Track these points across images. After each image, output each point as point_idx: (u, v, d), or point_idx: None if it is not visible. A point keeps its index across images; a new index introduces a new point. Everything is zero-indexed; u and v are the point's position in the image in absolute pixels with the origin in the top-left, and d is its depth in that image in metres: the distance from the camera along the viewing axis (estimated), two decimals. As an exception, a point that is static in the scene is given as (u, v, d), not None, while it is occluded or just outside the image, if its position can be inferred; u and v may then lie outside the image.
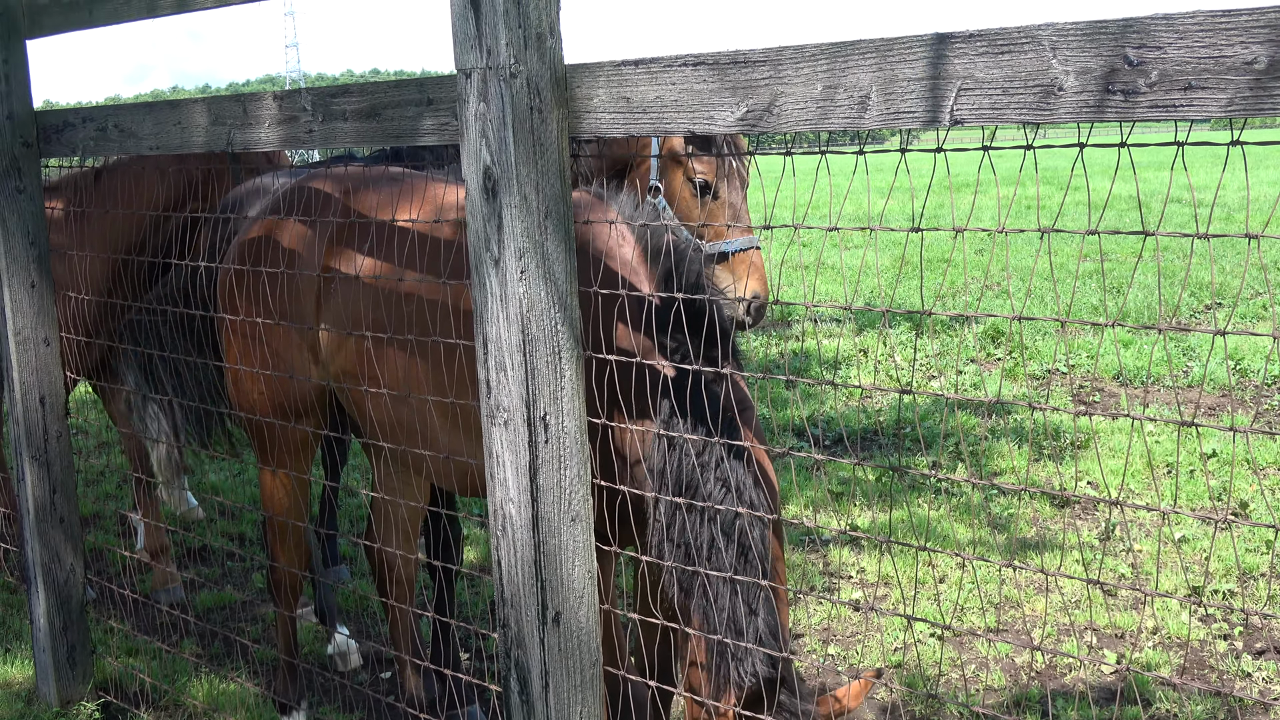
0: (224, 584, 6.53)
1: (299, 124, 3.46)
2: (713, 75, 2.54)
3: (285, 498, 4.54)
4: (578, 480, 2.85)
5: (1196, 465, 7.76)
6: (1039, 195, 1.96)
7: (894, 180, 2.36)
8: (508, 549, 2.88)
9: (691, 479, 3.08)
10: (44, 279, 4.79)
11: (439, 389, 3.68)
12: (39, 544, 4.85)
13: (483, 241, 2.78)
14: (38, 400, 4.81)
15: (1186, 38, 1.97)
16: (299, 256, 4.20)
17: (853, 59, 2.35)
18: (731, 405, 3.14)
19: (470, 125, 2.77)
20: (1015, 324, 11.87)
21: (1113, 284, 14.58)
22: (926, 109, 2.26)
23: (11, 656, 5.45)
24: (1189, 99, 1.98)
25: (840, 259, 2.68)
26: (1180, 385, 9.99)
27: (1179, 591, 5.94)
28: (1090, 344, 11.26)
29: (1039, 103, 2.13)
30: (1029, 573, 5.76)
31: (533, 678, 2.87)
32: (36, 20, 4.64)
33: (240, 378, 4.47)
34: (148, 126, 4.13)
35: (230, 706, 4.95)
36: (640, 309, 3.28)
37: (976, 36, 2.19)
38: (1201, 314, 13.29)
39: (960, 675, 5.27)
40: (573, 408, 2.82)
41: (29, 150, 4.71)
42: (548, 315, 2.76)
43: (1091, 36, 2.06)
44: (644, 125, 2.67)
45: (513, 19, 2.65)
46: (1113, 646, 5.48)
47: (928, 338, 11.75)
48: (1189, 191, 23.80)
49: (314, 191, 4.30)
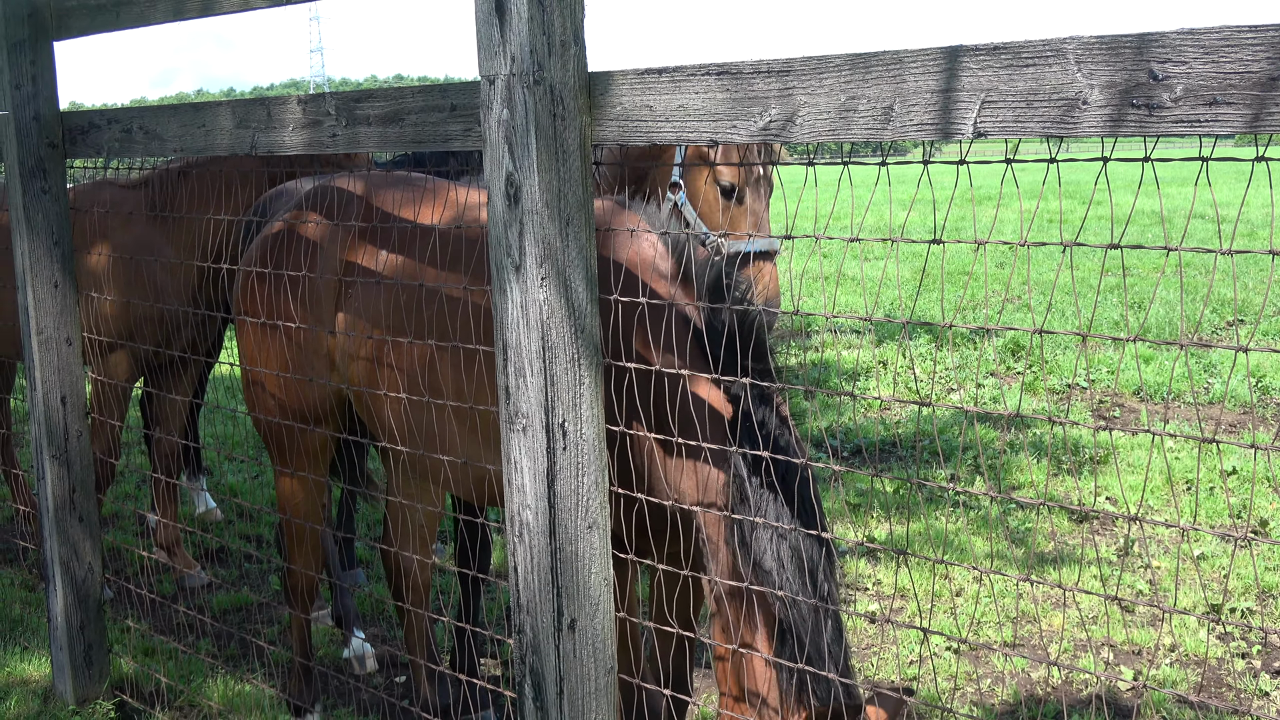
0: (241, 585, 6.55)
1: (323, 128, 3.47)
2: (736, 84, 2.54)
3: (302, 500, 4.55)
4: (595, 488, 2.85)
5: (1216, 482, 7.72)
6: (1061, 209, 1.96)
7: (915, 192, 2.36)
8: (524, 555, 2.88)
9: (761, 500, 3.04)
10: (67, 279, 4.82)
11: (455, 396, 3.69)
12: (58, 542, 4.87)
13: (504, 248, 2.79)
14: (59, 399, 4.84)
15: (1212, 53, 1.96)
16: (318, 257, 4.21)
17: (875, 70, 2.35)
18: (790, 423, 3.11)
19: (493, 131, 2.77)
20: (1035, 338, 11.83)
21: (1134, 299, 14.53)
22: (949, 121, 2.26)
23: (29, 654, 5.47)
24: (1214, 114, 1.97)
25: (861, 270, 2.67)
26: (1201, 402, 9.94)
27: (1197, 609, 5.91)
28: (1110, 359, 11.22)
29: (1063, 116, 2.13)
30: (1046, 587, 5.74)
31: (548, 684, 2.87)
32: (64, 22, 4.67)
33: (256, 380, 4.49)
34: (173, 129, 4.15)
35: (245, 708, 4.96)
36: (682, 323, 3.25)
37: (1001, 49, 2.19)
38: (1223, 330, 13.23)
39: (976, 689, 5.25)
40: (591, 415, 2.82)
41: (54, 151, 4.73)
42: (568, 322, 2.76)
43: (1116, 50, 2.06)
44: (666, 134, 2.68)
45: (537, 26, 2.66)
46: (1130, 663, 5.45)
47: (947, 350, 11.72)
48: (1212, 207, 23.73)
49: (335, 192, 4.32)
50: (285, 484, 4.56)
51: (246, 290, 4.47)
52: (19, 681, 5.22)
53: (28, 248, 4.74)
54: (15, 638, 5.68)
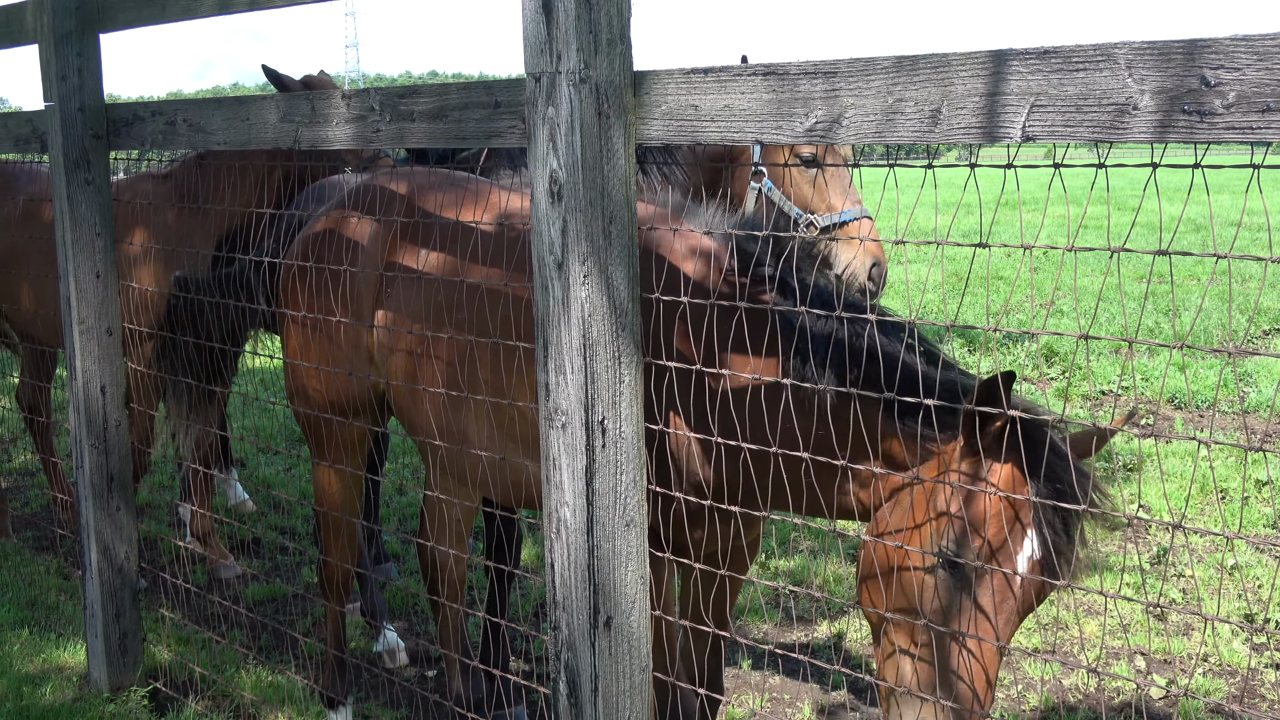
0: (274, 577, 6.59)
1: (367, 123, 3.49)
2: (782, 85, 2.54)
3: (339, 493, 4.57)
4: (633, 486, 2.85)
5: (1251, 492, 7.66)
6: (1109, 215, 1.95)
7: (962, 196, 2.36)
8: (561, 552, 2.89)
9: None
10: (109, 269, 4.86)
11: (491, 396, 3.69)
12: (95, 530, 4.91)
13: (547, 245, 2.79)
14: (99, 389, 4.87)
15: (1266, 59, 1.95)
16: (361, 254, 4.23)
17: (923, 72, 2.35)
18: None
19: (538, 129, 2.78)
20: (1073, 343, 11.75)
21: (1170, 307, 14.43)
22: (997, 124, 2.25)
23: (64, 641, 5.52)
24: (1266, 121, 1.96)
25: (905, 274, 2.67)
26: (1236, 410, 9.87)
27: (1232, 618, 5.87)
28: (1145, 366, 11.15)
29: (1113, 121, 2.12)
30: (1080, 594, 5.71)
31: (582, 681, 2.88)
32: (110, 14, 4.71)
33: (297, 372, 4.51)
34: (217, 122, 4.17)
35: (278, 699, 4.99)
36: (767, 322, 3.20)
37: (1051, 53, 2.18)
38: (1260, 339, 13.14)
39: (1006, 695, 5.23)
40: (631, 413, 2.83)
41: (99, 142, 4.77)
42: (609, 320, 2.77)
43: (1168, 56, 2.05)
44: (711, 134, 2.68)
45: (584, 24, 2.67)
46: (1162, 672, 5.42)
47: (980, 355, 11.67)
48: (1258, 216, 23.51)
49: (378, 189, 4.34)
50: (323, 475, 4.58)
51: (289, 285, 4.49)
52: (54, 668, 5.27)
53: (71, 238, 4.78)
54: (51, 625, 5.73)
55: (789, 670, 5.43)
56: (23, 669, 5.24)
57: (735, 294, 3.22)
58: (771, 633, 5.85)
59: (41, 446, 7.33)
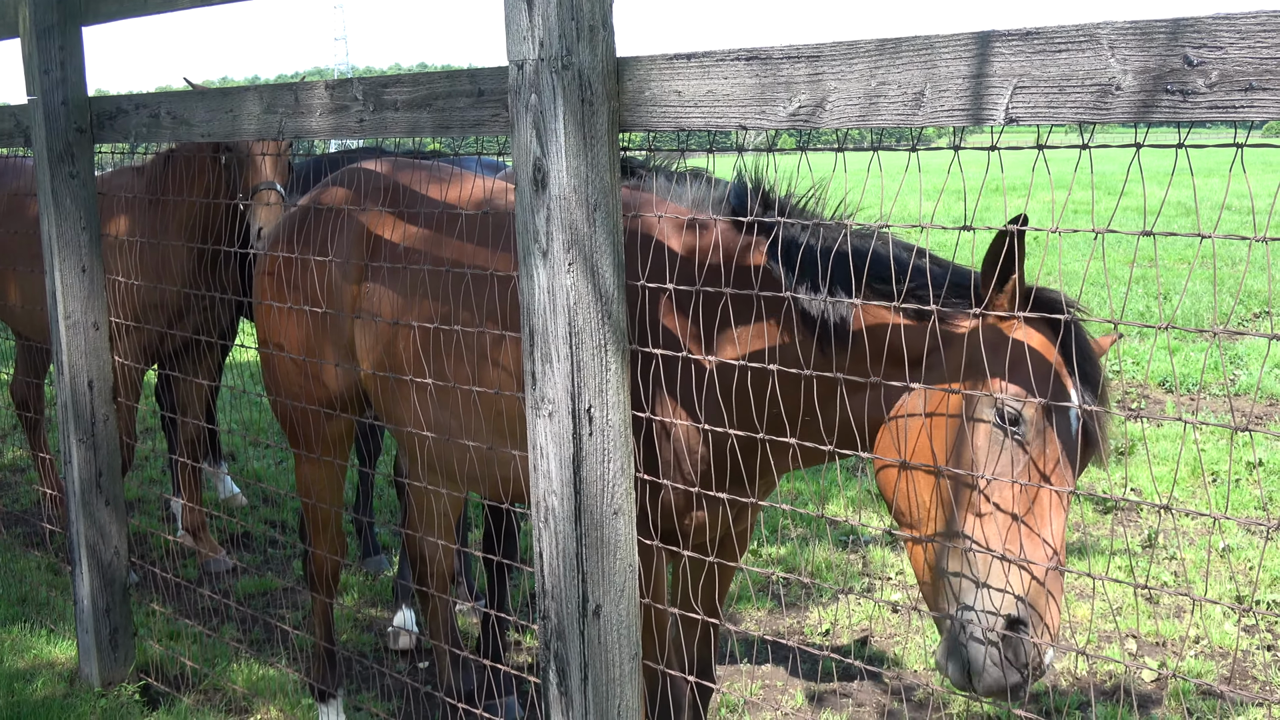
0: (265, 570, 6.58)
1: (350, 113, 3.47)
2: (766, 70, 2.53)
3: (321, 484, 4.56)
4: (621, 474, 2.84)
5: (1242, 474, 7.68)
6: (1094, 198, 1.94)
7: (945, 180, 2.35)
8: (549, 541, 2.88)
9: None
10: (95, 263, 4.83)
11: (470, 393, 3.67)
12: (84, 525, 4.90)
13: (531, 233, 2.78)
14: (86, 383, 4.86)
15: (1249, 38, 1.94)
16: (339, 240, 4.22)
17: (906, 55, 2.34)
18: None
19: (521, 116, 2.77)
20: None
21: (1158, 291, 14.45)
22: (981, 106, 2.24)
23: (55, 637, 5.50)
24: (1249, 100, 1.95)
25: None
26: (1226, 394, 9.88)
27: (1223, 600, 5.88)
28: (1135, 350, 11.16)
29: (1096, 102, 2.11)
30: (1071, 577, 5.71)
31: (572, 670, 2.88)
32: (92, 6, 4.68)
33: (274, 363, 4.50)
34: (200, 114, 4.16)
35: (269, 692, 4.98)
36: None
37: (1034, 34, 2.17)
38: (1250, 322, 13.15)
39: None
40: (618, 400, 2.82)
41: (83, 136, 4.75)
42: (595, 308, 2.76)
43: (1150, 35, 2.04)
44: (695, 119, 2.66)
45: (565, 11, 2.65)
46: (1154, 654, 5.43)
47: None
48: (1243, 198, 23.52)
49: (361, 174, 4.32)
50: (304, 468, 4.57)
51: (266, 276, 4.48)
52: (45, 664, 5.26)
53: (56, 233, 4.75)
54: (42, 621, 5.72)
55: (780, 657, 5.43)
56: (14, 665, 5.23)
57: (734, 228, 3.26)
58: (763, 620, 5.86)
59: (33, 442, 7.31)
